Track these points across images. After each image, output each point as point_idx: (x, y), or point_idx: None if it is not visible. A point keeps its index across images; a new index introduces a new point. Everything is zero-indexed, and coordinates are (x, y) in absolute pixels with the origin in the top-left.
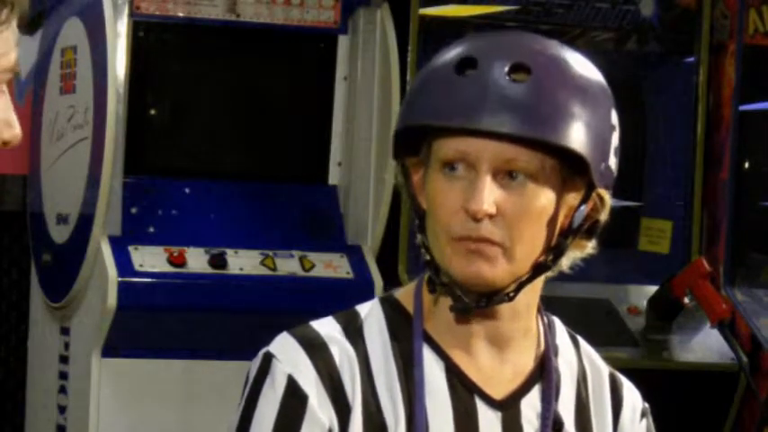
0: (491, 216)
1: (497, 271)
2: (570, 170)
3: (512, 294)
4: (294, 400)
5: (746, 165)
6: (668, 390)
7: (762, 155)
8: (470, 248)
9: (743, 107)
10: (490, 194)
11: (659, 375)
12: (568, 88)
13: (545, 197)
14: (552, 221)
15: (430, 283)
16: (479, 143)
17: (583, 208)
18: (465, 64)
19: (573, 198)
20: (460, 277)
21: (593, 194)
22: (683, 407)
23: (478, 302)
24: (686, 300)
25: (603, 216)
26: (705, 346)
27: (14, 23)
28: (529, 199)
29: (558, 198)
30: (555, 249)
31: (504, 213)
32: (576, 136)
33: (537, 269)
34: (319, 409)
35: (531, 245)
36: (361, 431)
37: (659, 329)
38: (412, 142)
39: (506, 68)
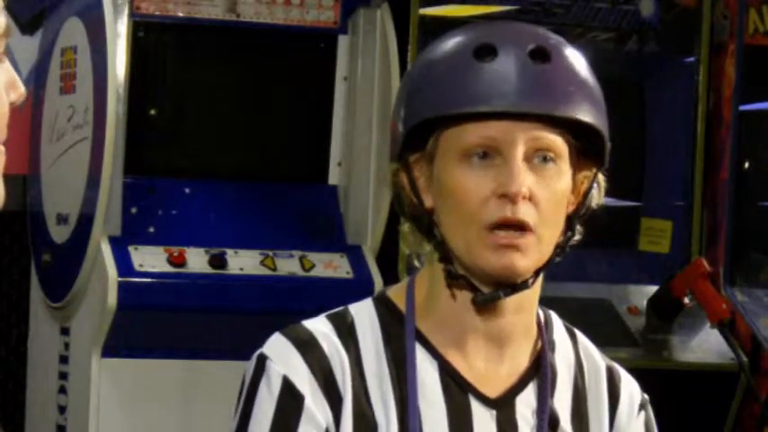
0: (527, 199)
1: (529, 261)
2: (580, 151)
3: (531, 281)
4: (290, 400)
5: (746, 165)
6: (668, 390)
7: (762, 155)
8: (504, 242)
9: (743, 107)
10: (525, 177)
11: (659, 375)
12: (582, 69)
13: (566, 179)
14: (568, 204)
15: (447, 277)
16: (510, 126)
17: (594, 189)
18: (484, 51)
19: (581, 180)
20: (491, 270)
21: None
22: (683, 407)
23: (503, 292)
24: (686, 300)
25: (599, 200)
26: (705, 346)
27: None
28: (555, 181)
29: (573, 180)
30: (568, 232)
31: (535, 197)
32: (598, 115)
33: (554, 253)
34: (315, 408)
35: (554, 227)
36: (351, 431)
37: (659, 329)
38: (415, 138)
39: (528, 52)
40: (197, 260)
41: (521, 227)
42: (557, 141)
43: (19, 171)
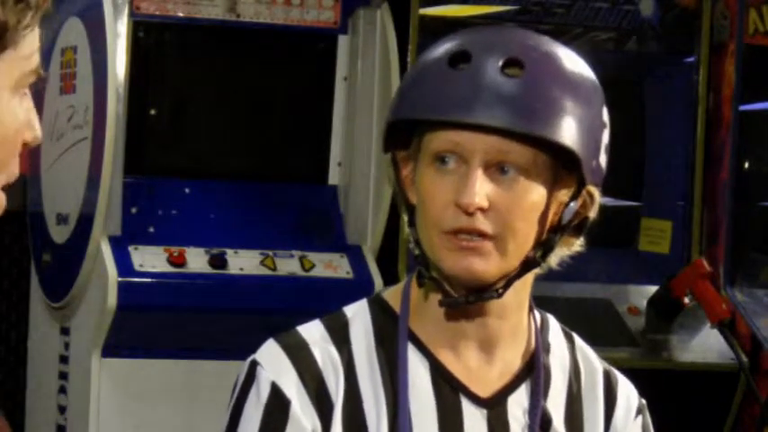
0: (483, 210)
1: (489, 266)
2: (561, 166)
3: (501, 290)
4: (277, 406)
5: (746, 165)
6: (668, 390)
7: (762, 155)
8: (463, 245)
9: (743, 107)
10: (482, 188)
11: (659, 375)
12: (561, 84)
13: (536, 192)
14: (543, 217)
15: (419, 277)
16: (472, 136)
17: (573, 204)
18: (458, 58)
19: (563, 194)
20: (451, 272)
21: (584, 191)
22: (683, 407)
23: (467, 298)
24: (686, 300)
25: (592, 213)
26: (705, 346)
27: (37, 27)
28: (520, 194)
29: (549, 194)
30: (544, 245)
31: (496, 208)
32: (569, 132)
33: (526, 265)
34: (302, 414)
35: (522, 240)
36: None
37: (659, 329)
38: (402, 136)
39: (500, 63)
40: (197, 260)
41: (479, 234)
42: (523, 155)
43: (19, 171)
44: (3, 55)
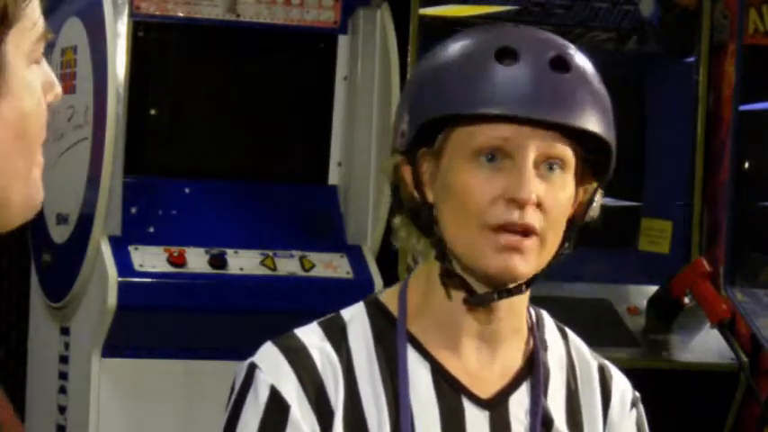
0: (534, 205)
1: (529, 267)
2: (583, 160)
3: (525, 287)
4: (276, 410)
5: (746, 165)
6: (668, 390)
7: (762, 155)
8: (505, 244)
9: (743, 107)
10: (535, 184)
11: (659, 375)
12: (597, 82)
13: (570, 188)
14: (570, 212)
15: (443, 276)
16: (523, 131)
17: (597, 197)
18: (505, 54)
19: (581, 191)
20: (491, 271)
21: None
22: (683, 407)
23: (497, 294)
24: (686, 300)
25: (595, 213)
26: (705, 346)
27: None
28: (561, 189)
29: (576, 188)
30: (566, 240)
31: (543, 204)
32: (608, 129)
33: (551, 260)
34: (301, 418)
35: (557, 235)
36: None
37: (659, 329)
38: (422, 132)
39: (548, 60)
40: (197, 260)
41: (525, 232)
42: (566, 151)
43: None
44: (9, 34)
